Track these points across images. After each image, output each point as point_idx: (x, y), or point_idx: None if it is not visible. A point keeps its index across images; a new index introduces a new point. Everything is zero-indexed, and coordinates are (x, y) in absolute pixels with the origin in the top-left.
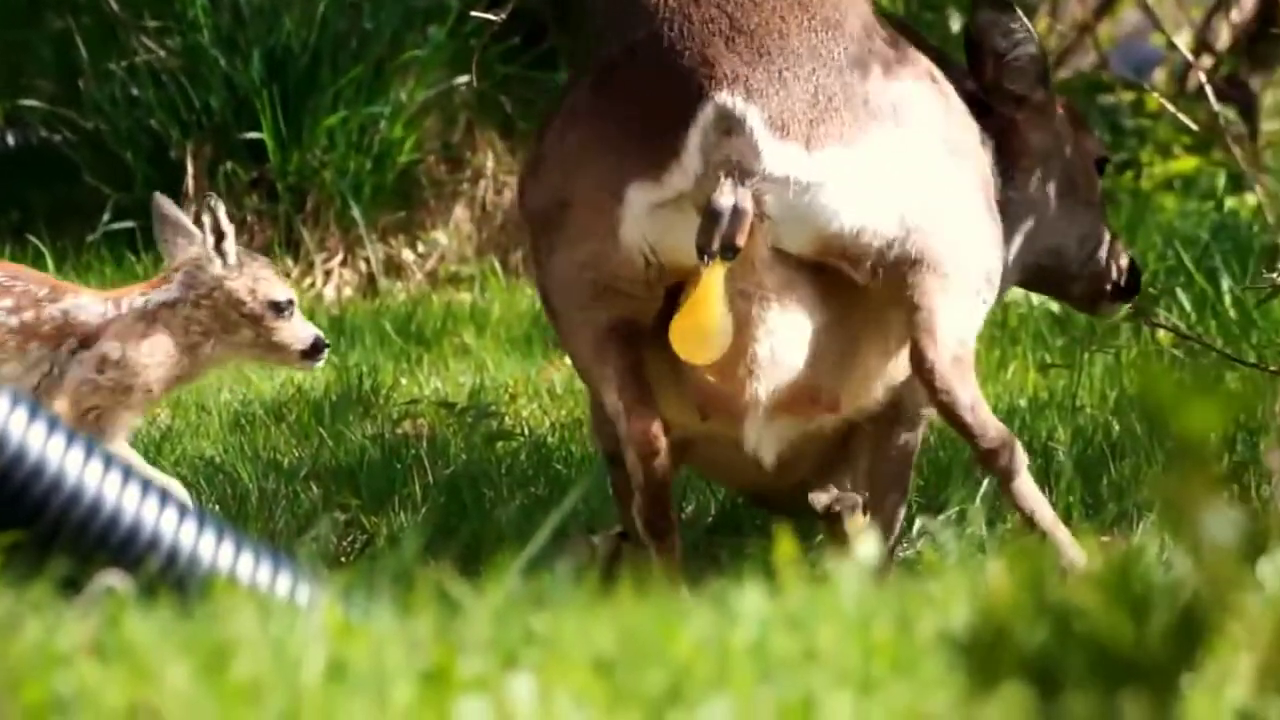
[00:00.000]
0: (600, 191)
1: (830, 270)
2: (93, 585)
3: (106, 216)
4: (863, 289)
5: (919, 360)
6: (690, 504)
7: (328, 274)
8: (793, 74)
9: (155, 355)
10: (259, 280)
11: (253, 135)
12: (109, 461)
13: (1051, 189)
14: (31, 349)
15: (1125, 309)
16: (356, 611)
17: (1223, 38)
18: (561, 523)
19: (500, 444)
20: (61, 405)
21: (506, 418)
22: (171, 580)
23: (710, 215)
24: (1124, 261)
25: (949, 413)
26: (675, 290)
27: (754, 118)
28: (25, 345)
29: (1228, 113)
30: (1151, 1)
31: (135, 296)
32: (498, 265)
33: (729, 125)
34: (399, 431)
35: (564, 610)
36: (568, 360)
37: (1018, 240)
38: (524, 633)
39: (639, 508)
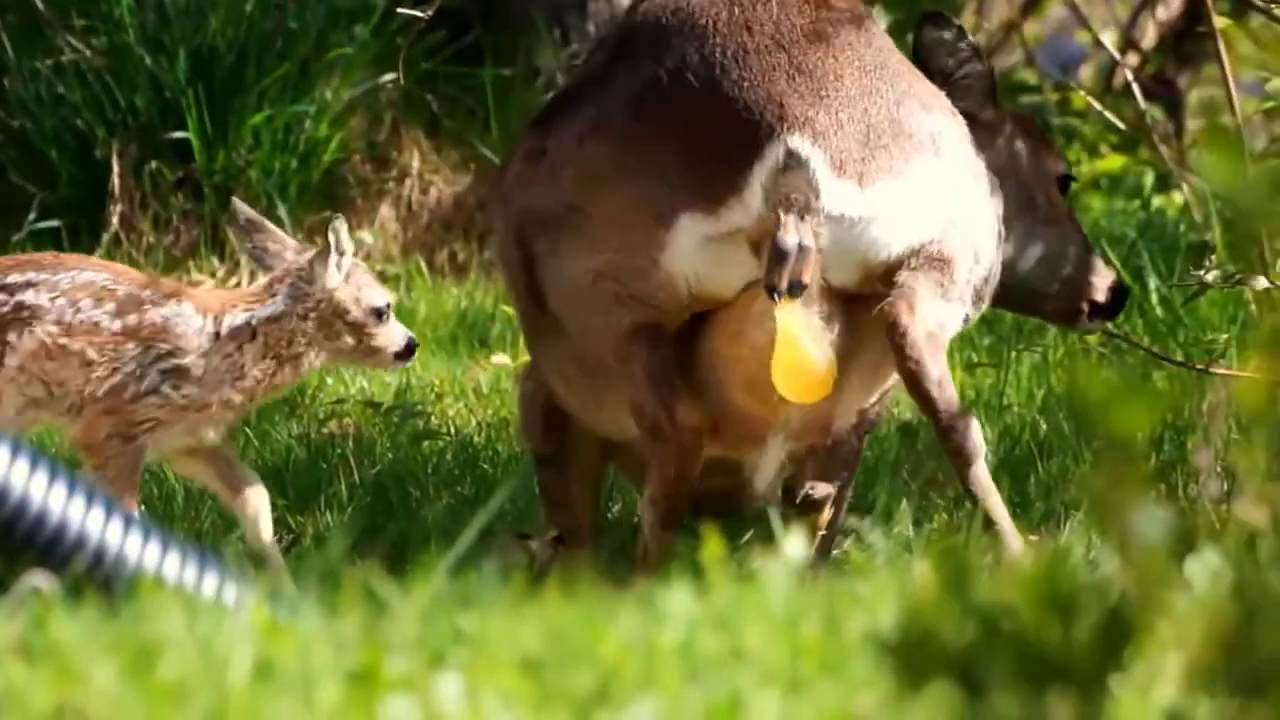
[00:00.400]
0: (640, 214)
1: (857, 301)
2: (18, 586)
3: (32, 215)
4: (875, 318)
5: (894, 327)
6: (616, 504)
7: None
8: (848, 114)
9: (249, 372)
10: (363, 288)
11: (178, 135)
12: (34, 461)
13: (1009, 207)
14: (127, 350)
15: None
16: (283, 611)
17: (1149, 36)
18: (488, 523)
19: (426, 444)
20: (120, 408)
21: (432, 417)
22: (98, 580)
23: (778, 254)
24: (1105, 279)
25: (915, 383)
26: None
27: (818, 159)
28: (122, 347)
29: (1154, 111)
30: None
31: (238, 314)
32: (423, 265)
33: (795, 165)
34: (325, 431)
35: (491, 610)
36: (494, 360)
37: None
38: (451, 632)
39: (663, 497)
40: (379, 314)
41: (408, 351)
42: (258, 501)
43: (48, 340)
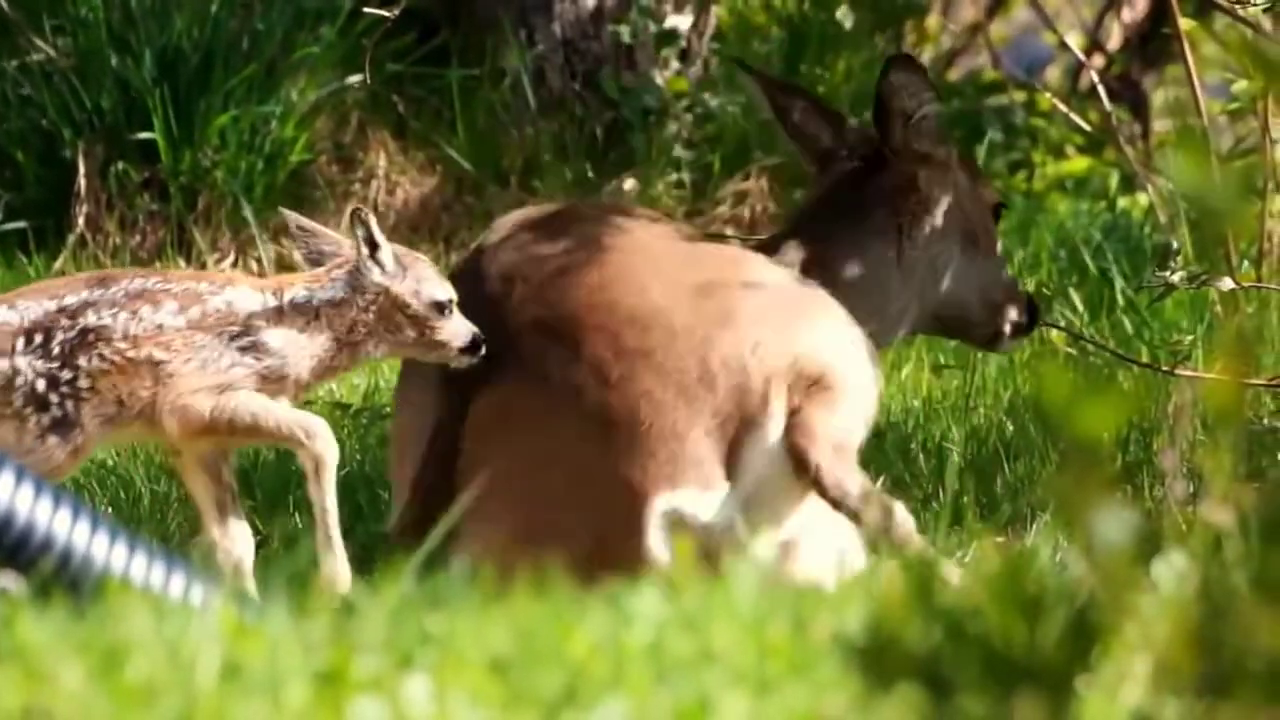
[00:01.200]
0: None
1: None
2: None
3: None
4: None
5: (801, 465)
6: None
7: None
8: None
9: (313, 349)
10: (422, 281)
11: (144, 135)
12: (0, 463)
13: (953, 243)
14: (197, 340)
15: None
16: (251, 613)
17: (1115, 37)
18: (455, 523)
19: None
20: (204, 386)
21: None
22: (65, 582)
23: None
24: (1021, 299)
25: (838, 505)
26: None
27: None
28: (192, 339)
29: (1120, 113)
30: (1043, 0)
31: (298, 289)
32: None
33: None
34: None
35: (459, 611)
36: None
37: (918, 293)
38: (419, 633)
39: None
40: (440, 308)
41: (473, 346)
42: (243, 546)
43: (117, 358)
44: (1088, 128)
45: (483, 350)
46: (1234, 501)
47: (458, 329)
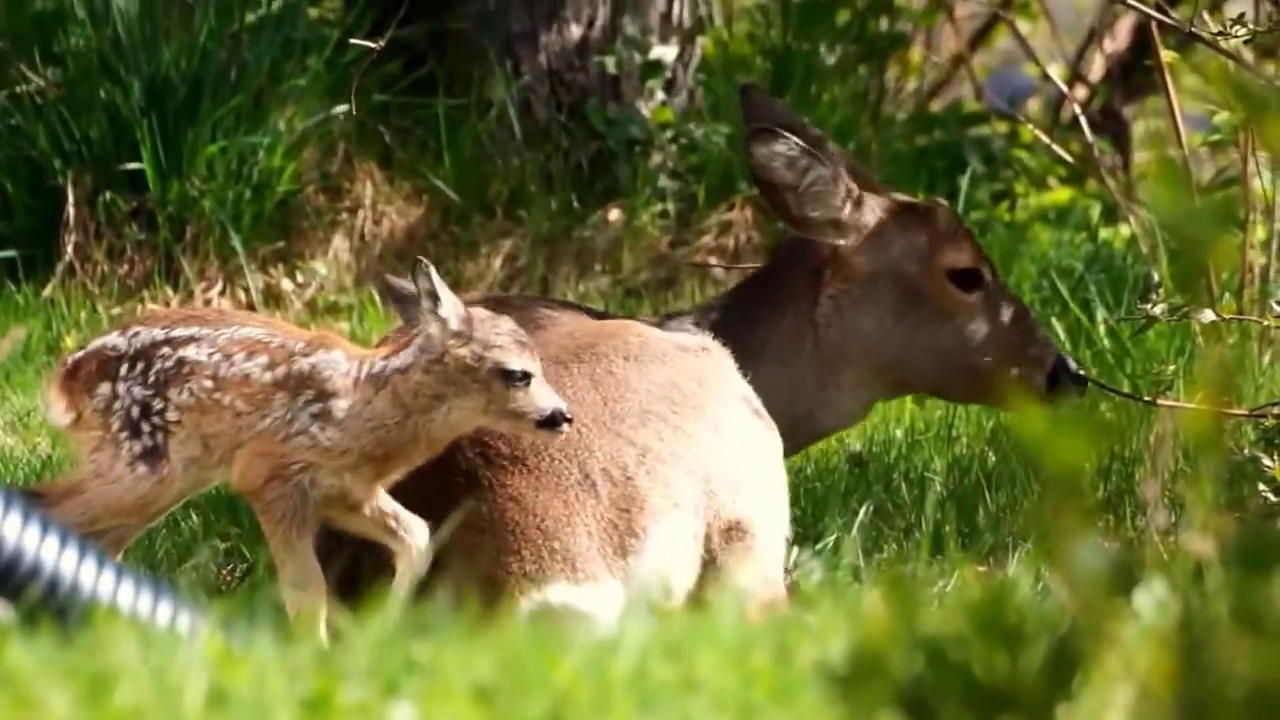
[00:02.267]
0: None
1: None
2: None
3: None
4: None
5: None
6: None
7: (208, 303)
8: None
9: (376, 419)
10: (490, 347)
11: (133, 165)
12: None
13: (889, 306)
14: (276, 399)
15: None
16: (238, 640)
17: (1096, 68)
18: (432, 575)
19: None
20: (272, 451)
21: None
22: (53, 609)
23: None
24: (1036, 361)
25: None
26: None
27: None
28: (271, 397)
29: (1102, 144)
30: (1026, 32)
31: (376, 362)
32: (376, 295)
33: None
34: None
35: (444, 638)
36: None
37: (852, 357)
38: (405, 661)
39: None
40: (509, 376)
41: (551, 422)
42: (411, 553)
43: (203, 395)
44: (1069, 159)
45: (564, 425)
46: (1214, 531)
47: (533, 401)
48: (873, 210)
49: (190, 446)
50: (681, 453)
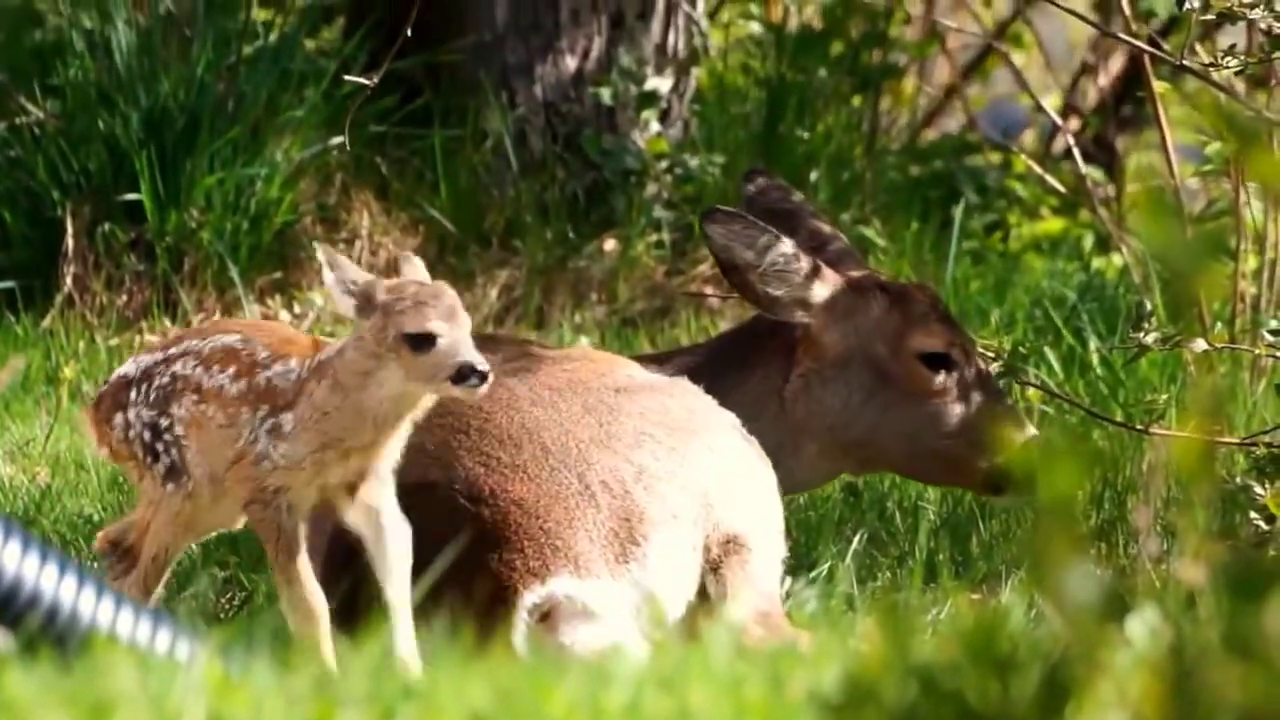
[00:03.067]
0: None
1: None
2: None
3: None
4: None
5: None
6: None
7: None
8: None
9: (321, 404)
10: (390, 314)
11: (131, 196)
12: None
13: (856, 385)
14: (242, 415)
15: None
16: (236, 667)
17: (1089, 99)
18: (439, 579)
19: None
20: (248, 475)
21: None
22: (52, 637)
23: None
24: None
25: None
26: None
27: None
28: (238, 412)
29: (1094, 174)
30: (1019, 64)
31: (321, 354)
32: None
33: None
34: None
35: (440, 667)
36: None
37: (816, 432)
38: (401, 689)
39: None
40: (410, 340)
41: (461, 376)
42: (394, 556)
43: (192, 409)
44: (1062, 189)
45: (477, 379)
46: (1206, 559)
47: (441, 359)
48: (841, 290)
49: (202, 461)
50: (677, 470)
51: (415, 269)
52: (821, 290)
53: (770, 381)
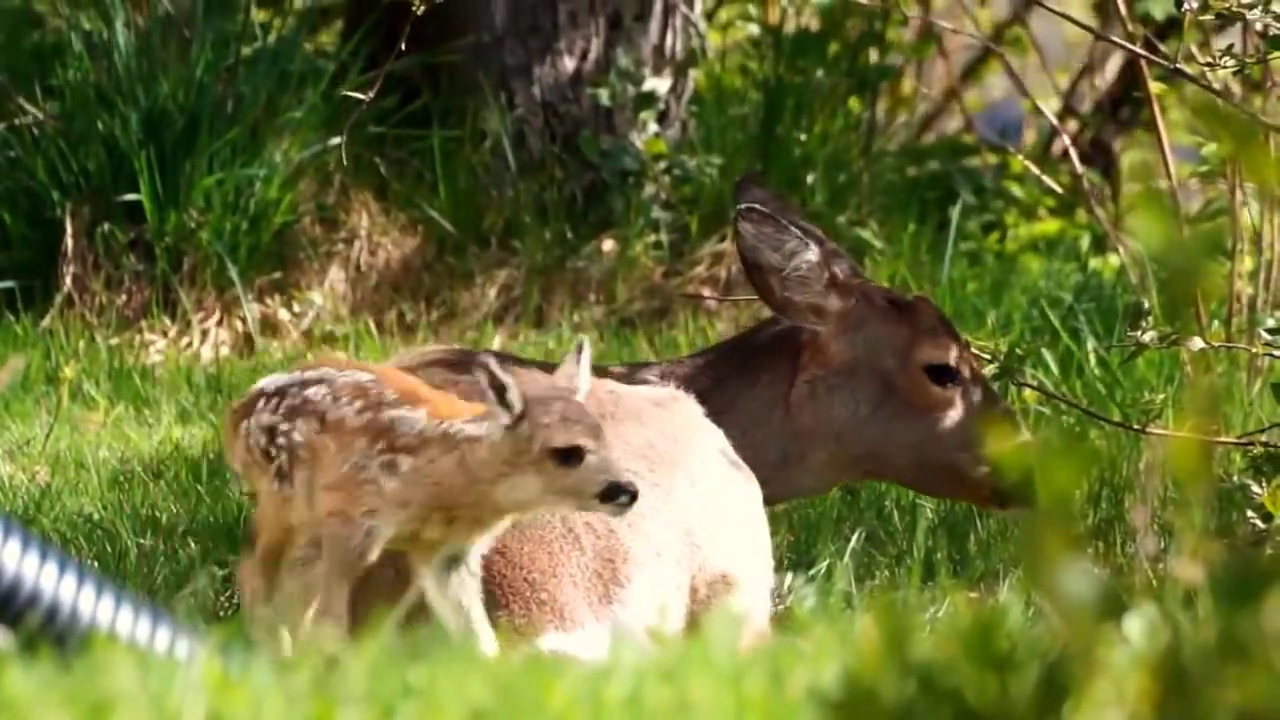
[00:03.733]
0: None
1: None
2: None
3: None
4: None
5: None
6: None
7: (205, 333)
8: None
9: (434, 476)
10: (538, 428)
11: (131, 197)
12: None
13: (864, 396)
14: (358, 444)
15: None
16: (235, 665)
17: (1086, 101)
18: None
19: None
20: (343, 489)
21: None
22: (52, 636)
23: None
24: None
25: None
26: None
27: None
28: (353, 440)
29: (1091, 175)
30: (1017, 66)
31: (455, 423)
32: (372, 325)
33: None
34: None
35: (440, 664)
36: None
37: (822, 441)
38: (401, 686)
39: None
40: (557, 455)
41: (609, 495)
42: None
43: (311, 434)
44: (1059, 190)
45: (627, 498)
46: (1204, 558)
47: (589, 476)
48: (854, 300)
49: (307, 477)
50: (660, 507)
51: (580, 362)
52: (836, 300)
53: (775, 389)
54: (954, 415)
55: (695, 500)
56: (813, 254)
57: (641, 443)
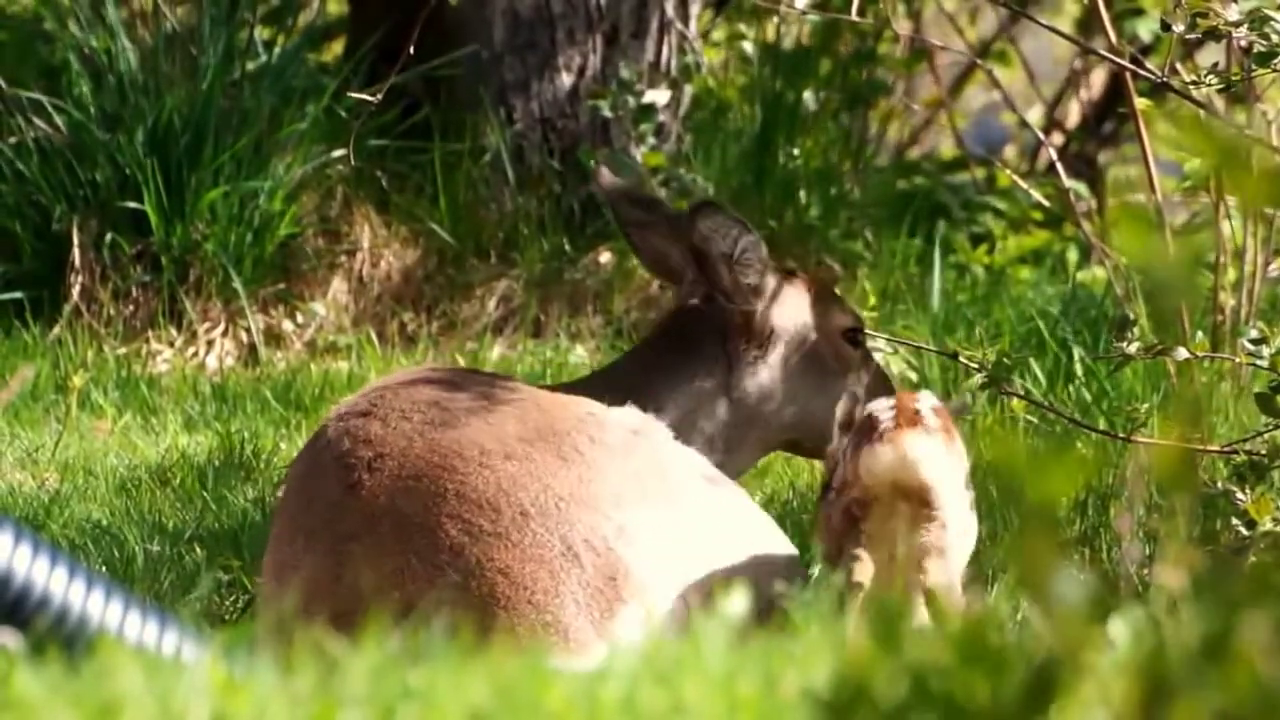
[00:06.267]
0: None
1: None
2: None
3: None
4: None
5: None
6: None
7: (210, 344)
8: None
9: None
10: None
11: (136, 206)
12: None
13: (794, 366)
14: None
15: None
16: (239, 668)
17: (1072, 115)
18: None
19: None
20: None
21: None
22: (61, 638)
23: None
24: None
25: None
26: None
27: None
28: None
29: (1078, 189)
30: (1005, 82)
31: None
32: (374, 335)
33: None
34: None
35: (440, 666)
36: None
37: (762, 418)
38: (401, 688)
39: None
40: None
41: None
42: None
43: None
44: (1046, 203)
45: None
46: (1188, 564)
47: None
48: (778, 277)
49: None
50: (658, 531)
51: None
52: (770, 278)
53: (715, 379)
54: (864, 373)
55: (690, 528)
56: (754, 236)
57: (630, 474)
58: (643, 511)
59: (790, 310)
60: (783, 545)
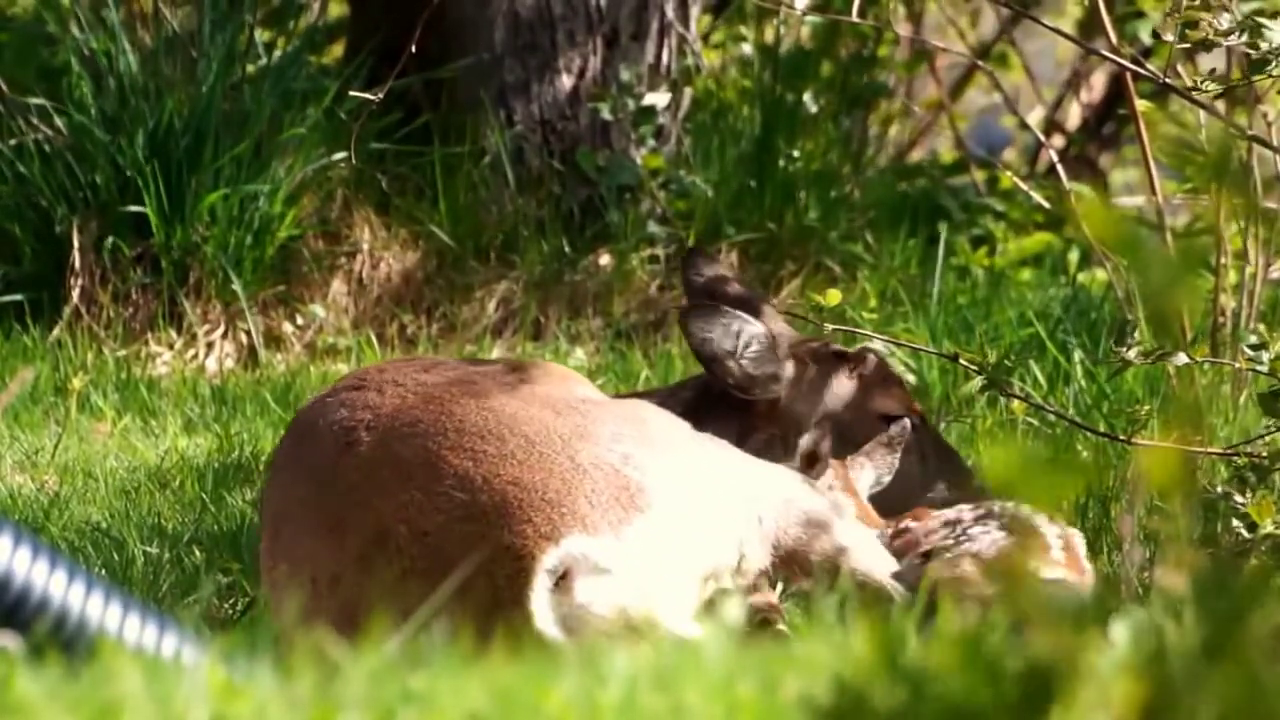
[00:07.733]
0: None
1: None
2: None
3: None
4: None
5: None
6: None
7: (210, 346)
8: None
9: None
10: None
11: (137, 210)
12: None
13: (826, 450)
14: None
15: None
16: (239, 672)
17: (1073, 117)
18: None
19: None
20: None
21: None
22: (60, 641)
23: None
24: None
25: None
26: None
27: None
28: None
29: (1081, 191)
30: (1006, 85)
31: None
32: (374, 338)
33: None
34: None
35: (439, 670)
36: None
37: None
38: (401, 691)
39: None
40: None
41: None
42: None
43: None
44: (1047, 205)
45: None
46: (1188, 566)
47: None
48: (805, 361)
49: None
50: (662, 461)
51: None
52: (790, 366)
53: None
54: (909, 461)
55: (691, 460)
56: (758, 327)
57: (626, 415)
58: (644, 449)
59: (820, 396)
60: (790, 479)
